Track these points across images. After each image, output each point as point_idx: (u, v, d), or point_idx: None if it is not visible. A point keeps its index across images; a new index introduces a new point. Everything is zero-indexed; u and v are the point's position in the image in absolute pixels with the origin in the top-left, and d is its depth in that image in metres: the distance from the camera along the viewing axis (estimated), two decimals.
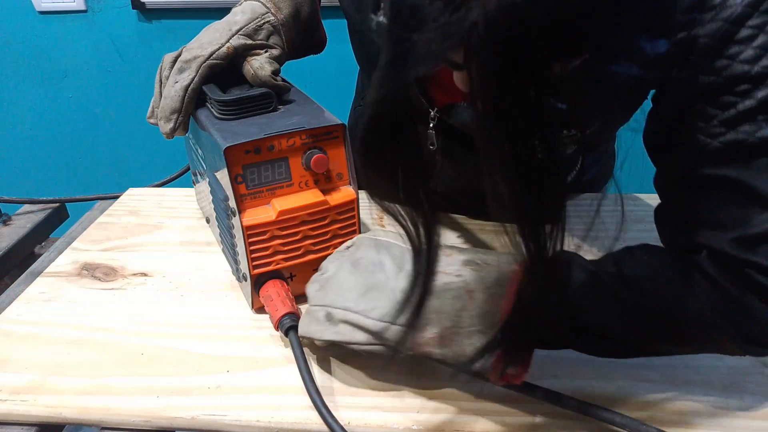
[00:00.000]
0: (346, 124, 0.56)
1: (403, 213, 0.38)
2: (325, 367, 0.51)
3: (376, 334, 0.45)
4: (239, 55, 0.58)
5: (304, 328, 0.49)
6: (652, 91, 0.48)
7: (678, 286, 0.42)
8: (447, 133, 0.61)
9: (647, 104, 0.50)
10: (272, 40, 0.61)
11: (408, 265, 0.46)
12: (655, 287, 0.43)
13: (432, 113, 0.58)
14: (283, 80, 0.61)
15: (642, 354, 0.47)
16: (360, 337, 0.46)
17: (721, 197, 0.42)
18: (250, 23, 0.59)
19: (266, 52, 0.59)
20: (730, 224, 0.41)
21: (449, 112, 0.57)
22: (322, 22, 0.68)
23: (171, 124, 0.57)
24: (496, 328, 0.42)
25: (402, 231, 0.38)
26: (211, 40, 0.57)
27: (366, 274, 0.48)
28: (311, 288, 0.50)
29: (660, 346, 0.45)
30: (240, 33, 0.58)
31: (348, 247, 0.52)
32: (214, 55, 0.57)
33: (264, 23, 0.60)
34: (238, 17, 0.60)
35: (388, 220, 0.73)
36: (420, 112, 0.59)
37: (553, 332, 0.45)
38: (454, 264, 0.46)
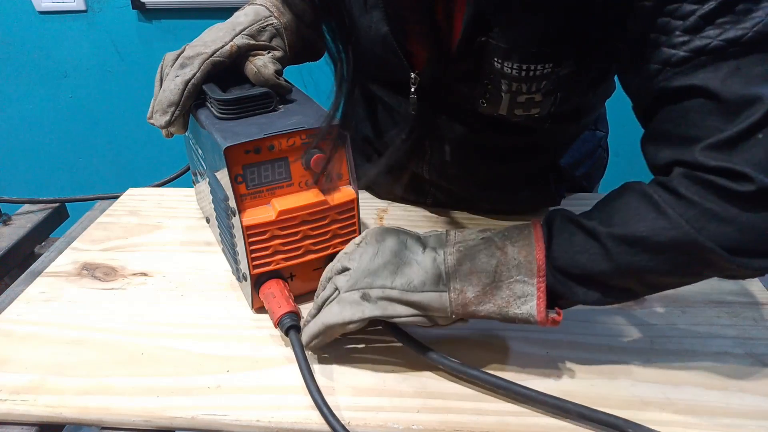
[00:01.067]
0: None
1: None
2: (325, 367, 0.51)
3: (417, 305, 0.47)
4: (242, 55, 0.58)
5: (334, 317, 0.48)
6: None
7: (652, 217, 0.42)
8: (429, 103, 0.61)
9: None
10: (275, 43, 0.61)
11: (432, 245, 0.49)
12: (631, 227, 0.43)
13: (413, 76, 0.59)
14: (286, 81, 0.61)
15: (637, 295, 0.47)
16: (401, 310, 0.47)
17: (690, 108, 0.42)
18: (253, 24, 0.60)
19: (269, 53, 0.59)
20: (702, 134, 0.41)
21: (428, 74, 0.58)
22: None
23: (167, 117, 0.56)
24: (535, 274, 0.45)
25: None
26: (214, 38, 0.58)
27: (391, 255, 0.48)
28: (340, 280, 0.49)
29: (650, 280, 0.45)
30: (244, 33, 0.59)
31: (358, 244, 0.51)
32: (217, 53, 0.57)
33: (267, 25, 0.60)
34: (241, 19, 0.60)
35: (387, 220, 0.74)
36: (401, 76, 0.59)
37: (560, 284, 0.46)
38: (471, 234, 0.49)
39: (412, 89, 0.60)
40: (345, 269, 0.50)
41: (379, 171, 0.62)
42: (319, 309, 0.51)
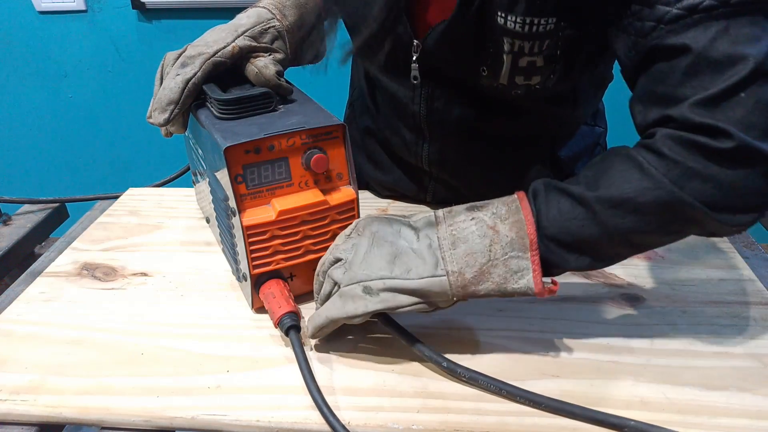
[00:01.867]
0: (344, 121, 0.56)
1: None
2: (325, 367, 0.51)
3: (418, 293, 0.47)
4: (243, 56, 0.59)
5: (338, 311, 0.49)
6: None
7: (637, 178, 0.44)
8: (430, 75, 0.62)
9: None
10: (276, 45, 0.61)
11: (423, 230, 0.49)
12: (617, 189, 0.45)
13: (415, 43, 0.59)
14: (287, 82, 0.61)
15: (625, 256, 0.49)
16: (403, 299, 0.47)
17: (679, 67, 0.43)
18: (255, 26, 0.60)
19: (270, 55, 0.60)
20: (690, 92, 0.43)
21: (431, 37, 0.58)
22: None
23: (166, 115, 0.56)
24: (528, 249, 0.46)
25: None
26: (216, 39, 0.58)
27: (387, 245, 0.49)
28: (336, 273, 0.50)
29: (637, 240, 0.47)
30: (245, 34, 0.59)
31: (349, 235, 0.52)
32: (218, 53, 0.57)
33: (269, 27, 0.61)
34: (243, 20, 0.60)
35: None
36: (404, 45, 0.60)
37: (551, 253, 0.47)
38: (460, 214, 0.49)
39: (414, 57, 0.60)
40: (337, 260, 0.50)
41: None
42: (323, 304, 0.51)
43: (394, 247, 0.49)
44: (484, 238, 0.47)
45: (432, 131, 0.68)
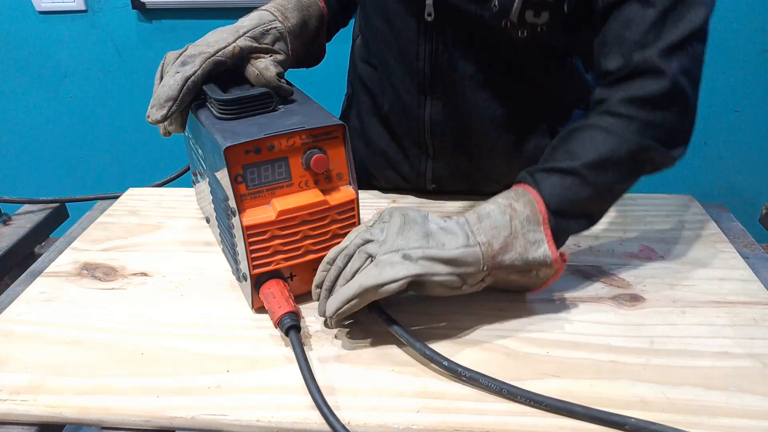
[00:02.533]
0: (341, 117, 0.56)
1: None
2: (325, 367, 0.51)
3: (454, 262, 0.50)
4: (244, 57, 0.59)
5: (374, 278, 0.49)
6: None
7: (607, 139, 0.54)
8: (443, 13, 0.63)
9: None
10: (277, 46, 0.61)
11: (449, 221, 0.54)
12: (595, 153, 0.53)
13: None
14: (288, 83, 0.61)
15: (608, 209, 0.58)
16: (440, 268, 0.50)
17: (647, 16, 0.52)
18: (257, 27, 0.60)
19: (271, 56, 0.60)
20: (652, 39, 0.52)
21: None
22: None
23: (163, 111, 0.56)
24: (541, 223, 0.53)
25: None
26: (217, 39, 0.58)
27: (418, 226, 0.52)
28: (371, 247, 0.51)
29: (618, 190, 0.56)
30: (247, 35, 0.59)
31: (371, 226, 0.54)
32: (219, 53, 0.57)
33: (271, 29, 0.61)
34: (245, 22, 0.61)
35: None
36: None
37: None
38: (476, 204, 0.55)
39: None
40: (368, 241, 0.52)
41: None
42: (347, 282, 0.51)
43: (424, 227, 0.52)
44: (505, 215, 0.52)
45: (434, 89, 0.68)
